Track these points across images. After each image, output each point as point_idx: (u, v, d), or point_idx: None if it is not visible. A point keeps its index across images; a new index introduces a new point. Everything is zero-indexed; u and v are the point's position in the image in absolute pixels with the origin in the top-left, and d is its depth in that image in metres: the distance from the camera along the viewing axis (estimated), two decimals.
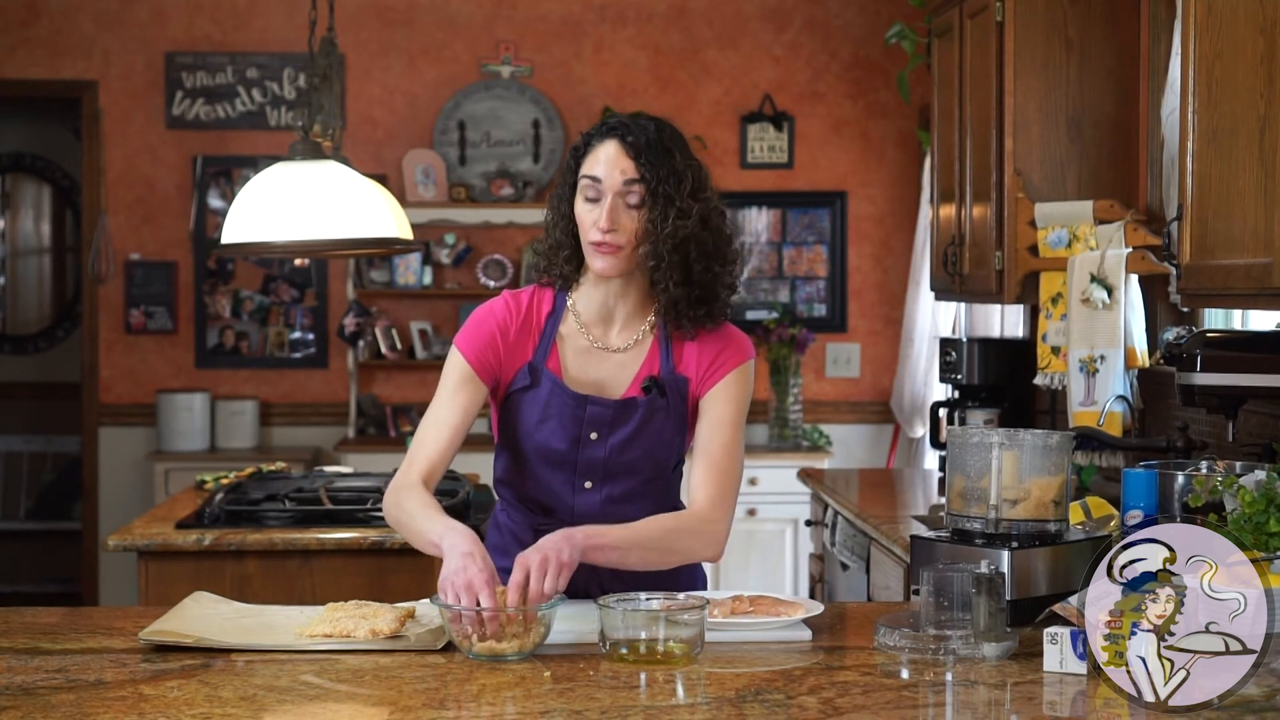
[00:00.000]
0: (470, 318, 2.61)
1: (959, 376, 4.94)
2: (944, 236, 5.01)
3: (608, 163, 2.46)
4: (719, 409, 2.53)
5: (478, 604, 2.19)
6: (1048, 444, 2.41)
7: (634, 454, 2.54)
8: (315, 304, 6.87)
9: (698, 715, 1.95)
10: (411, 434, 5.54)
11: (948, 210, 4.96)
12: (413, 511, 2.45)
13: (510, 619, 2.20)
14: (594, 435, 2.53)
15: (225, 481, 4.30)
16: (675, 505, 2.64)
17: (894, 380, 6.69)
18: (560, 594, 2.31)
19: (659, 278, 2.49)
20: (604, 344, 2.57)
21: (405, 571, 3.63)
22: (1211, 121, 2.79)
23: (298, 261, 6.76)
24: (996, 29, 4.41)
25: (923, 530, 3.25)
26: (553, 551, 2.27)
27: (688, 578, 2.65)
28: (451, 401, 2.53)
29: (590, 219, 2.47)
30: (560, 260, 2.56)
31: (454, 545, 2.30)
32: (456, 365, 2.55)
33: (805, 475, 5.20)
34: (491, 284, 6.72)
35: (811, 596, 4.82)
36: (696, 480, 2.50)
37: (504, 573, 2.53)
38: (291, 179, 3.36)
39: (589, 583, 2.53)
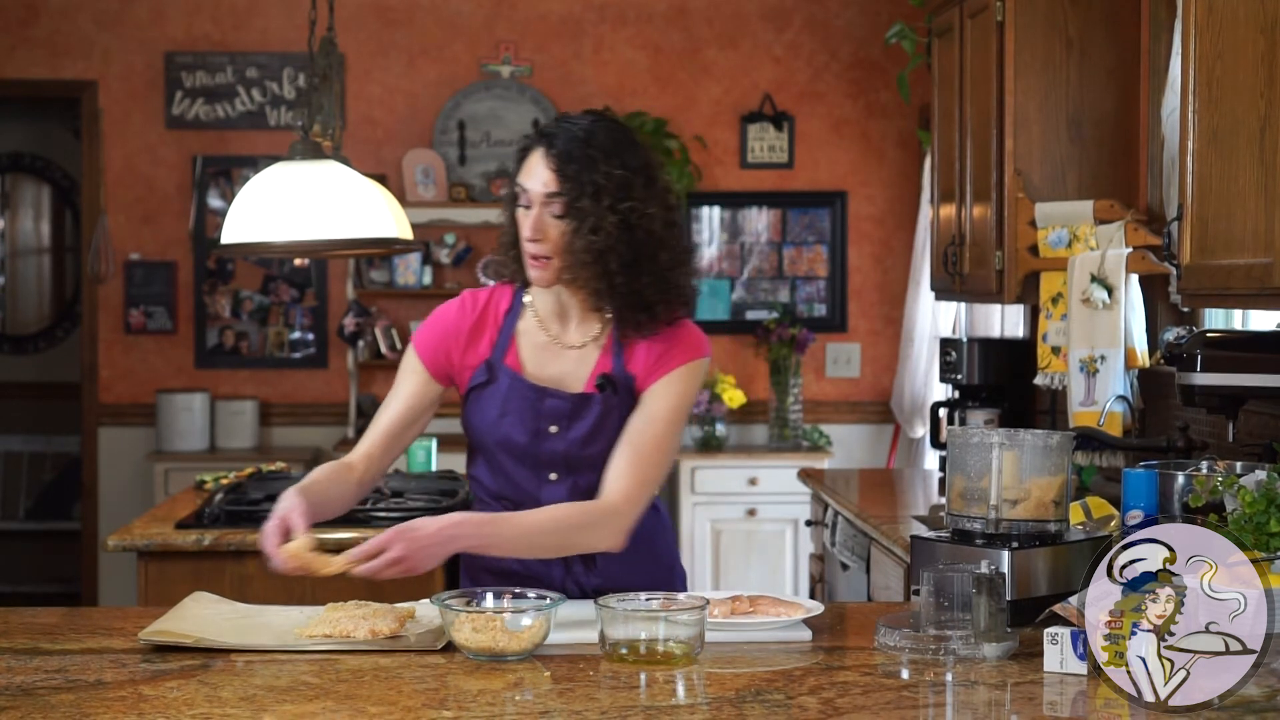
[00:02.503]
0: (428, 318, 2.66)
1: (959, 376, 4.94)
2: (944, 236, 5.01)
3: (532, 173, 2.48)
4: (654, 404, 2.53)
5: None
6: (1048, 444, 2.41)
7: (595, 449, 2.54)
8: (315, 304, 6.87)
9: (698, 715, 1.95)
10: None
11: (948, 210, 4.96)
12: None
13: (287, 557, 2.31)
14: (553, 429, 2.56)
15: (225, 481, 4.30)
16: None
17: (894, 380, 6.69)
18: (560, 595, 2.32)
19: (580, 288, 2.51)
20: (561, 340, 2.59)
21: None
22: (1212, 121, 2.78)
23: (297, 261, 6.76)
24: (996, 29, 4.41)
25: (923, 530, 3.24)
26: (415, 558, 2.31)
27: (665, 579, 2.67)
28: (397, 394, 2.62)
29: (522, 228, 2.50)
30: (511, 260, 2.59)
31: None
32: (408, 360, 2.63)
33: (805, 475, 5.20)
34: (491, 284, 6.70)
35: (811, 596, 4.81)
36: (614, 470, 2.50)
37: (487, 573, 2.57)
38: (291, 179, 3.36)
39: (564, 580, 2.58)
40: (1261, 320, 3.77)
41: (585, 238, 2.44)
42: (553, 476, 2.57)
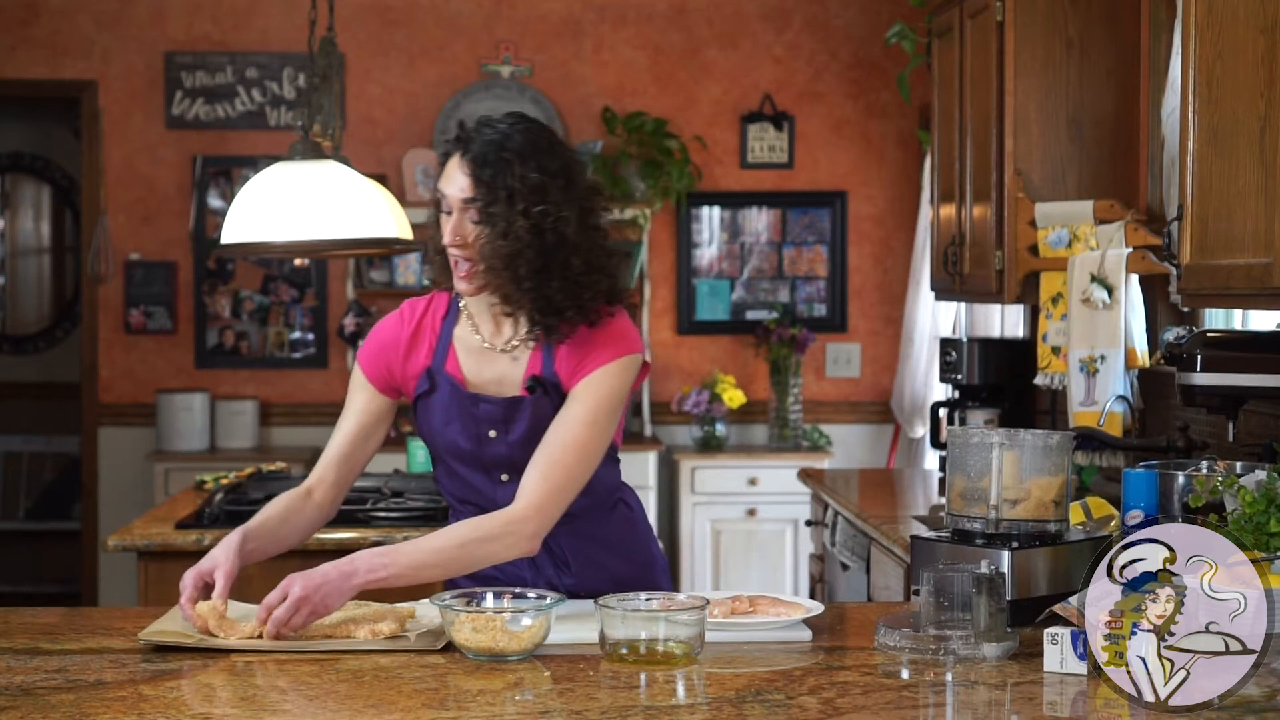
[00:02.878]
0: (370, 332, 2.70)
1: (959, 376, 4.94)
2: (944, 236, 5.00)
3: (450, 178, 2.48)
4: (573, 407, 2.50)
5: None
6: (1048, 444, 2.42)
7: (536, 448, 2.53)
8: (315, 304, 6.87)
9: (698, 715, 1.95)
10: (411, 434, 5.56)
11: (948, 210, 4.96)
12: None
13: (210, 624, 2.32)
14: (492, 433, 2.56)
15: (225, 481, 4.30)
16: (612, 490, 2.65)
17: (894, 380, 6.69)
18: (559, 595, 2.32)
19: (492, 293, 2.50)
20: (495, 343, 2.58)
21: None
22: (1211, 121, 2.78)
23: (297, 261, 6.76)
24: (996, 29, 4.41)
25: (923, 530, 3.24)
26: (317, 596, 2.30)
27: (642, 575, 2.67)
28: (348, 412, 2.68)
29: (443, 233, 2.50)
30: (439, 266, 2.59)
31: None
32: (354, 376, 2.68)
33: (805, 475, 5.20)
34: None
35: (811, 596, 4.81)
36: (527, 478, 2.47)
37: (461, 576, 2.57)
38: (291, 179, 3.36)
39: (535, 581, 2.59)
40: (1261, 320, 3.77)
41: (495, 242, 2.43)
42: (504, 478, 2.58)
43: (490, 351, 2.58)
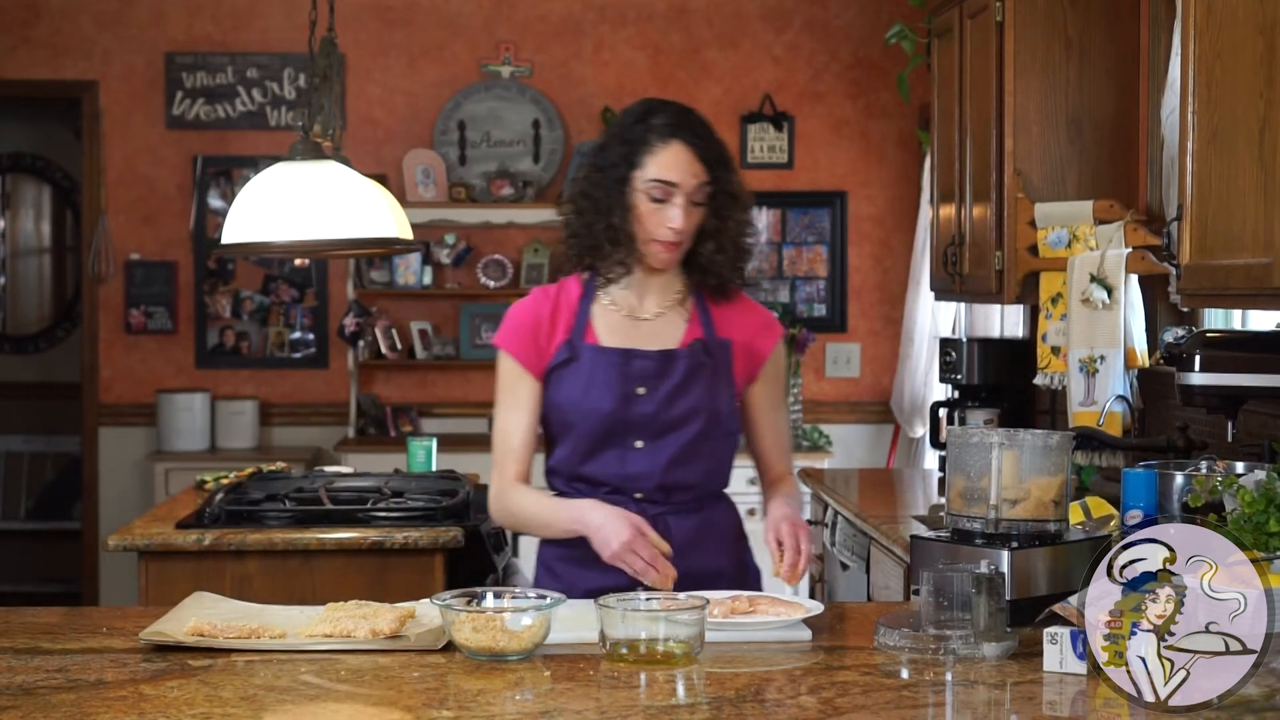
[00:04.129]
0: (505, 318, 2.71)
1: (959, 376, 4.94)
2: (944, 236, 5.01)
3: (679, 168, 2.57)
4: (770, 389, 2.75)
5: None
6: (1047, 444, 2.42)
7: (683, 408, 2.61)
8: (315, 304, 6.88)
9: (698, 715, 1.95)
10: (411, 434, 5.53)
11: (948, 210, 4.96)
12: (526, 506, 2.66)
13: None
14: (641, 390, 2.61)
15: (225, 481, 4.30)
16: (725, 471, 2.75)
17: (894, 380, 6.69)
18: (559, 595, 2.32)
19: (706, 258, 2.64)
20: (637, 314, 2.67)
21: (405, 571, 3.63)
22: (1211, 121, 2.79)
23: (298, 261, 6.76)
24: (996, 29, 4.41)
25: (923, 530, 3.25)
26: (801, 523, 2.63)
27: (738, 581, 2.77)
28: (514, 400, 2.67)
29: (658, 219, 2.57)
30: (617, 257, 2.63)
31: (598, 523, 2.52)
32: (506, 366, 2.67)
33: (805, 475, 5.20)
34: (491, 284, 6.72)
35: (811, 596, 4.81)
36: (773, 456, 2.82)
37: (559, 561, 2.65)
38: (292, 179, 3.36)
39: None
40: (1261, 320, 3.77)
41: (736, 218, 2.62)
42: (639, 444, 2.62)
43: (632, 321, 2.66)
